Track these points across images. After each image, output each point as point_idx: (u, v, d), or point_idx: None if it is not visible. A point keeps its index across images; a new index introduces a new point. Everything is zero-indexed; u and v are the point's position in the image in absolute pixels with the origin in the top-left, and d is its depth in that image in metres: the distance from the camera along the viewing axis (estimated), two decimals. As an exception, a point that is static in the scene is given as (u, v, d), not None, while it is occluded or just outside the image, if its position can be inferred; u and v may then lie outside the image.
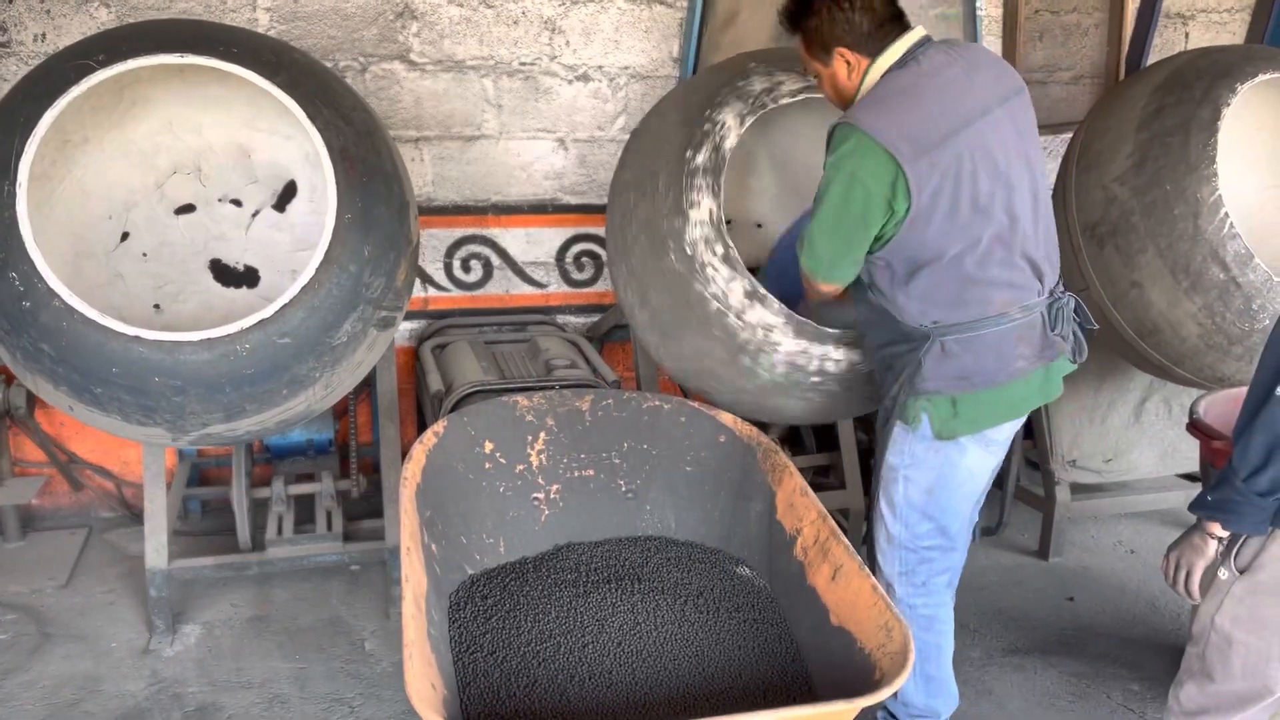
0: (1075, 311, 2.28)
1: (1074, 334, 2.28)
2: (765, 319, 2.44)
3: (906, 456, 2.26)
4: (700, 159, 2.47)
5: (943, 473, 2.25)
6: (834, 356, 2.49)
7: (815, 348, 2.46)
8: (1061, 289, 2.27)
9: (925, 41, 2.15)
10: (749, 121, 2.49)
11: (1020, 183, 2.14)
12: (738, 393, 2.62)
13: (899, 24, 2.15)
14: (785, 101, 2.52)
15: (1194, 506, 1.93)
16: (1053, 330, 2.21)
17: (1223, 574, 1.92)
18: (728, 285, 2.44)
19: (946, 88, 2.09)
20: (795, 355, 2.47)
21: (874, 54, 2.14)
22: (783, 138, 3.23)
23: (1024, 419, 2.32)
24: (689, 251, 2.46)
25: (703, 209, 2.45)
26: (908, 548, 2.33)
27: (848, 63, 2.17)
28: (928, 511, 2.29)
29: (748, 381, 2.55)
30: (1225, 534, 1.90)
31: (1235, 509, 1.82)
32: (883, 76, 2.13)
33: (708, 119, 2.50)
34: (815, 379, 2.51)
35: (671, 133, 2.59)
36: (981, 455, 2.26)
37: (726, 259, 2.44)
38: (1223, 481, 1.84)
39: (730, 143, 2.47)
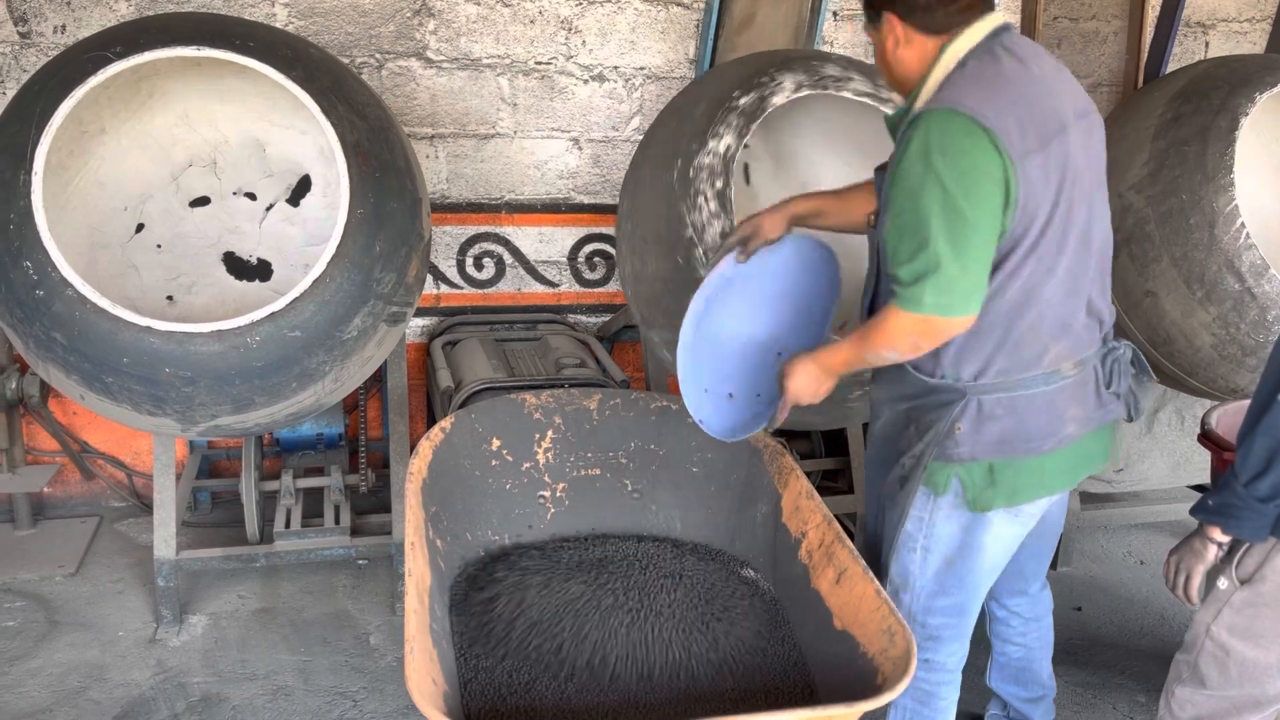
0: (1132, 362, 1.96)
1: (1132, 391, 1.97)
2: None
3: (926, 525, 1.97)
4: (744, 101, 2.53)
5: (965, 544, 1.96)
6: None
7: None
8: (1116, 339, 1.97)
9: (1008, 27, 1.78)
10: (803, 92, 2.54)
11: (1094, 210, 1.84)
12: (674, 330, 2.65)
13: (978, 3, 1.76)
14: (840, 92, 2.59)
15: (1195, 511, 1.91)
16: (1108, 388, 1.92)
17: (1222, 583, 1.90)
18: (709, 220, 2.47)
19: (1046, 83, 1.75)
20: None
21: (937, 33, 1.75)
22: (788, 140, 3.23)
23: (1067, 493, 2.05)
24: (690, 174, 2.51)
25: (723, 142, 2.50)
26: (919, 623, 2.04)
27: (896, 35, 1.78)
28: (945, 586, 2.00)
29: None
30: (1226, 539, 1.88)
31: (1235, 514, 1.80)
32: (967, 59, 1.74)
33: (767, 73, 2.58)
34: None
35: (729, 73, 2.70)
36: (1010, 527, 1.97)
37: (721, 195, 2.48)
38: (1224, 486, 1.83)
39: (778, 100, 2.53)
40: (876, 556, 2.11)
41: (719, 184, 2.49)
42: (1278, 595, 1.84)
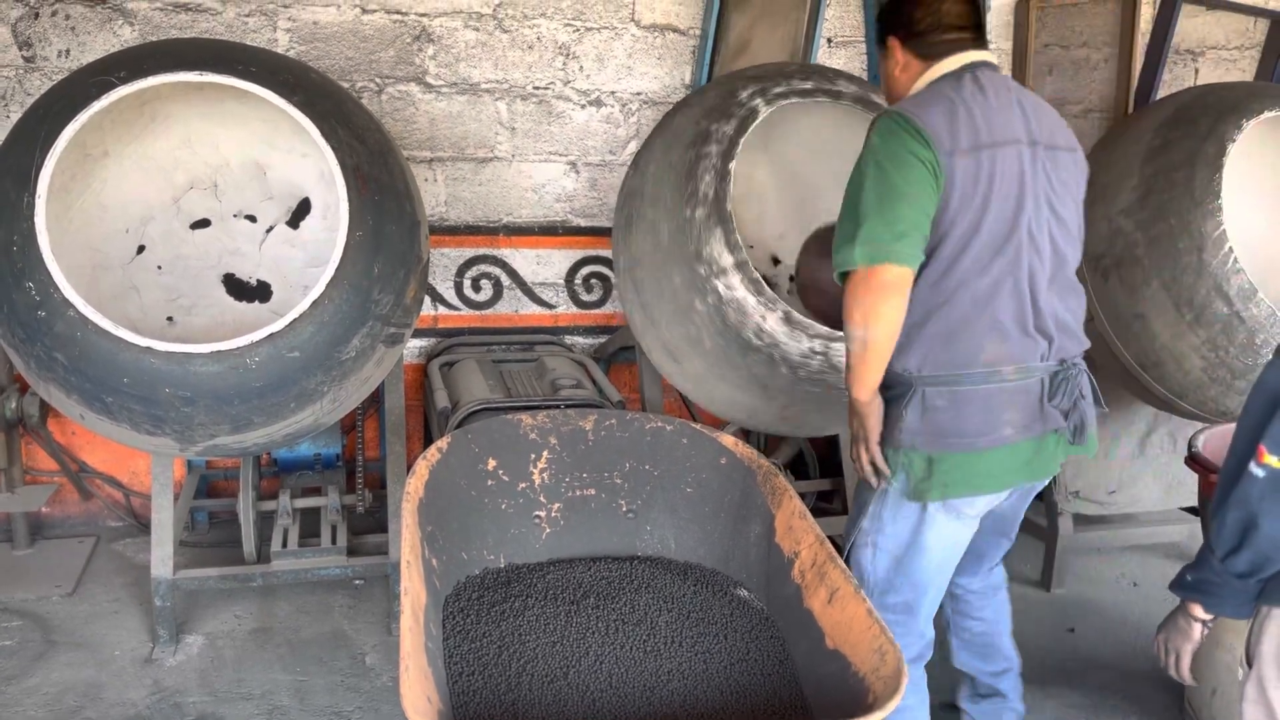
0: (1085, 388, 2.07)
1: (1080, 412, 2.05)
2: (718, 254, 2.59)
3: (876, 520, 2.14)
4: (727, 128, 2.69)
5: (913, 544, 2.11)
6: (768, 327, 2.59)
7: (755, 303, 2.58)
8: (1076, 361, 2.07)
9: (987, 65, 2.03)
10: (776, 104, 2.68)
11: (1043, 233, 1.99)
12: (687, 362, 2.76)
13: (967, 39, 2.03)
14: (795, 101, 2.72)
15: (1174, 586, 1.79)
16: (1050, 401, 2.03)
17: (1240, 673, 1.73)
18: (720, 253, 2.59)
19: (999, 109, 1.96)
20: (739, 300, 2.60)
21: (926, 58, 2.04)
22: (781, 146, 3.27)
23: (1003, 495, 2.12)
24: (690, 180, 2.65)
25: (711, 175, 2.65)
26: None
27: (897, 59, 2.08)
28: (894, 583, 2.15)
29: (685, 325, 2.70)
30: (1209, 616, 1.75)
31: (1215, 591, 1.68)
32: (938, 81, 2.01)
33: (741, 101, 2.71)
34: (756, 341, 2.61)
35: (713, 91, 2.86)
36: (951, 526, 2.10)
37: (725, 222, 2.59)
38: (1200, 561, 1.70)
39: (759, 118, 2.67)
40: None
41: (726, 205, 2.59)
42: (1274, 671, 1.65)
